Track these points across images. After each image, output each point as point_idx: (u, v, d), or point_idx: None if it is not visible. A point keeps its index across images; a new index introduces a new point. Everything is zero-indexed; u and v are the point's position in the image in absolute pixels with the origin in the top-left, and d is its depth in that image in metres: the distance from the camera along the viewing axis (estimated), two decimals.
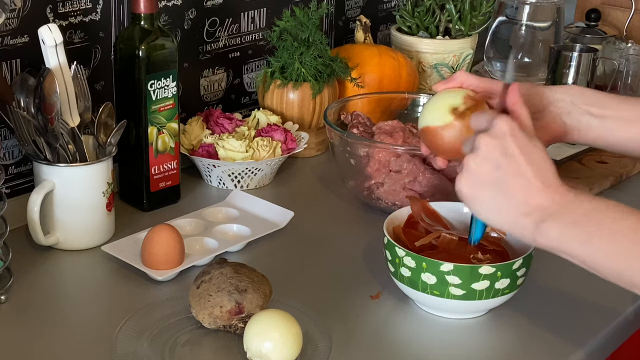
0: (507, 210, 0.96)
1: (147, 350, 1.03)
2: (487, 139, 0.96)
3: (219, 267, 1.09)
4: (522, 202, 0.94)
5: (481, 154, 0.96)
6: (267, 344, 0.99)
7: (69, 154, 1.24)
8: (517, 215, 0.95)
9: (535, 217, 0.94)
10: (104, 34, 1.39)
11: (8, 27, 1.26)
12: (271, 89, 1.59)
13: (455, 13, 1.80)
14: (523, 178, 0.94)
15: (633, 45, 1.91)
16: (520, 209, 0.95)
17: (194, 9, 1.53)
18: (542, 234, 0.94)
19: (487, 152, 0.96)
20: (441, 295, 1.09)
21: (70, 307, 1.15)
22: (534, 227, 0.94)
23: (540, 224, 0.94)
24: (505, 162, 0.95)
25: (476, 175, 0.96)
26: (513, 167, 0.95)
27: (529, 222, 0.94)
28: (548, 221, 0.93)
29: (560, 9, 1.94)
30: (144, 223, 1.32)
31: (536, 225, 0.94)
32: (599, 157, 1.60)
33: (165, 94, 1.34)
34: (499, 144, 0.95)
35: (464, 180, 0.97)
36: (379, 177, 1.37)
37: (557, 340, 1.10)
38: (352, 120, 1.45)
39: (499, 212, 0.96)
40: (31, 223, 1.22)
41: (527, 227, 0.95)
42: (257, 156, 1.46)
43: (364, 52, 1.68)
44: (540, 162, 0.95)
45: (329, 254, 1.30)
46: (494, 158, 0.95)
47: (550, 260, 1.27)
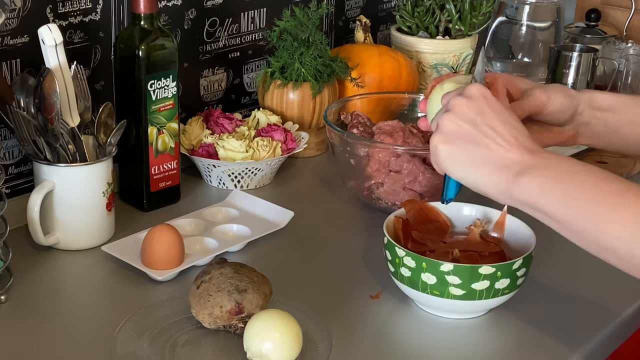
0: (483, 166, 0.95)
1: (147, 350, 1.03)
2: (461, 99, 0.97)
3: (219, 267, 1.09)
4: (499, 156, 0.94)
5: (455, 112, 0.97)
6: (267, 344, 0.99)
7: (69, 154, 1.24)
8: (494, 170, 0.95)
9: (513, 170, 0.93)
10: (104, 34, 1.39)
11: (8, 27, 1.26)
12: (271, 89, 1.59)
13: (455, 13, 1.80)
14: (498, 135, 0.95)
15: (633, 45, 1.91)
16: (497, 163, 0.94)
17: (194, 9, 1.53)
18: (519, 188, 0.93)
19: (461, 111, 0.97)
20: (441, 295, 1.09)
21: (70, 307, 1.15)
22: (511, 181, 0.93)
23: (518, 178, 0.93)
24: (480, 119, 0.96)
25: (451, 132, 0.97)
26: (488, 124, 0.95)
27: (505, 176, 0.94)
28: (527, 175, 0.92)
29: (560, 9, 1.94)
30: (144, 223, 1.32)
31: (513, 179, 0.93)
32: (599, 157, 1.60)
33: (165, 94, 1.34)
34: (472, 103, 0.96)
35: (438, 136, 0.98)
36: (379, 177, 1.37)
37: (557, 340, 1.10)
38: (352, 120, 1.45)
39: (474, 168, 0.96)
40: (31, 223, 1.22)
41: (503, 182, 0.94)
42: (257, 156, 1.46)
43: (364, 52, 1.68)
44: (514, 123, 0.96)
45: (329, 254, 1.30)
46: (468, 115, 0.96)
47: (550, 260, 1.27)
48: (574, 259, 1.30)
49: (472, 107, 0.96)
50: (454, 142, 0.97)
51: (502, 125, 0.95)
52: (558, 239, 1.32)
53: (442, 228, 1.21)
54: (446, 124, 0.97)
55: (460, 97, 0.98)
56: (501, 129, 0.95)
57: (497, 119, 0.95)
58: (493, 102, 0.97)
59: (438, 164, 0.99)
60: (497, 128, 0.95)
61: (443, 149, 0.97)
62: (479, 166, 0.96)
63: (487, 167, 0.95)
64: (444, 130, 0.97)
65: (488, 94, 0.97)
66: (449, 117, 0.97)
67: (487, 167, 0.95)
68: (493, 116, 0.96)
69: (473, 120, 0.96)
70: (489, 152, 0.95)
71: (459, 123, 0.97)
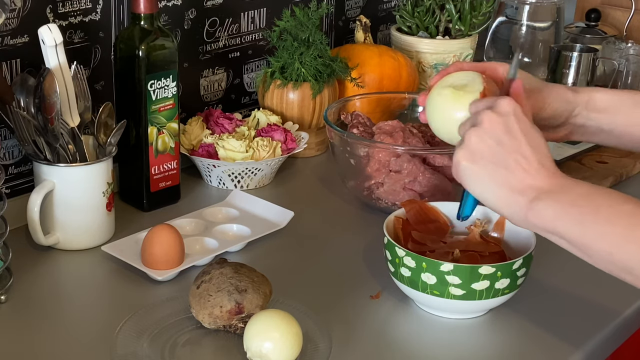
0: (502, 187, 0.95)
1: (147, 350, 1.03)
2: (491, 114, 0.96)
3: (219, 267, 1.09)
4: (518, 179, 0.94)
5: (483, 128, 0.95)
6: (267, 344, 0.99)
7: (69, 154, 1.24)
8: (512, 192, 0.95)
9: (529, 195, 0.94)
10: (104, 34, 1.39)
11: (8, 27, 1.26)
12: (271, 89, 1.59)
13: (455, 13, 1.80)
14: (522, 157, 0.94)
15: (633, 45, 1.91)
16: (516, 186, 0.94)
17: (194, 9, 1.53)
18: (535, 213, 0.93)
19: (490, 128, 0.95)
20: (441, 295, 1.09)
21: (70, 307, 1.15)
22: (527, 205, 0.93)
23: (534, 203, 0.93)
24: (507, 139, 0.95)
25: (476, 149, 0.96)
26: (514, 145, 0.94)
27: (522, 200, 0.94)
28: (544, 200, 0.93)
29: (560, 9, 1.94)
30: (144, 223, 1.32)
31: (530, 204, 0.93)
32: (599, 157, 1.60)
33: (165, 94, 1.34)
34: (502, 121, 0.95)
35: (463, 152, 0.97)
36: (379, 177, 1.37)
37: (557, 340, 1.10)
38: (352, 120, 1.45)
39: (493, 188, 0.96)
40: (31, 223, 1.22)
41: (519, 205, 0.94)
42: (257, 156, 1.46)
43: (364, 52, 1.68)
44: (540, 146, 0.95)
45: (329, 254, 1.30)
46: (496, 134, 0.95)
47: (550, 260, 1.27)
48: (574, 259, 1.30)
49: (501, 124, 0.95)
50: (478, 160, 0.96)
51: (530, 148, 0.94)
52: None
53: (442, 228, 1.21)
54: (473, 140, 0.96)
55: (491, 112, 0.96)
56: (528, 153, 0.94)
57: (524, 141, 0.95)
58: (523, 122, 0.95)
59: (458, 179, 0.99)
60: (523, 151, 0.94)
61: (466, 166, 0.97)
62: (498, 187, 0.95)
63: (506, 189, 0.95)
64: (470, 146, 0.96)
65: (519, 111, 0.96)
66: (477, 133, 0.96)
67: (506, 189, 0.95)
68: (521, 137, 0.95)
69: (501, 140, 0.95)
70: (510, 174, 0.94)
71: (486, 141, 0.95)
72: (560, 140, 1.15)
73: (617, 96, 1.13)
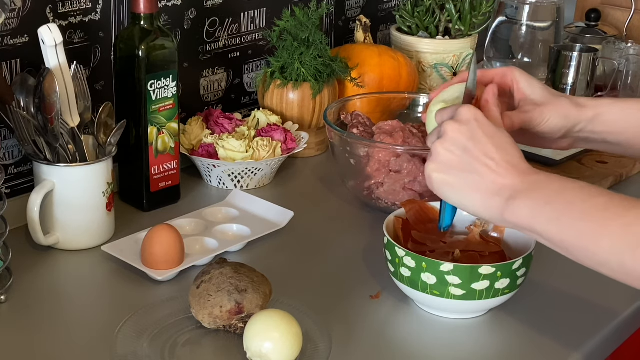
0: (476, 191, 0.97)
1: (147, 350, 1.03)
2: (453, 124, 0.98)
3: (219, 267, 1.09)
4: (489, 181, 0.96)
5: (448, 138, 0.98)
6: (267, 344, 0.99)
7: (69, 154, 1.24)
8: (486, 195, 0.96)
9: (504, 195, 0.95)
10: (104, 34, 1.39)
11: (8, 27, 1.26)
12: (271, 89, 1.59)
13: (455, 13, 1.80)
14: (490, 160, 0.96)
15: (633, 45, 1.91)
16: (489, 188, 0.96)
17: (194, 9, 1.53)
18: (511, 212, 0.94)
19: (453, 137, 0.97)
20: (441, 295, 1.09)
21: (70, 307, 1.15)
22: (503, 205, 0.95)
23: (509, 202, 0.94)
24: (472, 145, 0.96)
25: (444, 160, 0.98)
26: (479, 149, 0.96)
27: (497, 201, 0.95)
28: (518, 199, 0.94)
29: (560, 9, 1.93)
30: (144, 223, 1.32)
31: (505, 204, 0.94)
32: (599, 157, 1.60)
33: (165, 94, 1.34)
34: (465, 128, 0.97)
35: (432, 165, 0.99)
36: (379, 177, 1.37)
37: (557, 340, 1.10)
38: (352, 120, 1.45)
39: (467, 194, 0.97)
40: (31, 223, 1.22)
41: (496, 207, 0.95)
42: (257, 156, 1.46)
43: (364, 52, 1.68)
44: (506, 146, 0.97)
45: (329, 254, 1.30)
46: (460, 141, 0.97)
47: (550, 260, 1.27)
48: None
49: (463, 132, 0.97)
50: (447, 170, 0.98)
51: (495, 149, 0.96)
52: None
53: None
54: (439, 151, 0.98)
55: (452, 122, 0.98)
56: (494, 154, 0.96)
57: (489, 143, 0.96)
58: (485, 125, 0.97)
59: (433, 191, 1.01)
60: (489, 153, 0.96)
61: (437, 177, 0.99)
62: (472, 192, 0.97)
63: (480, 193, 0.97)
64: (437, 158, 0.99)
65: (480, 116, 0.98)
66: (441, 144, 0.98)
67: (480, 193, 0.97)
68: (485, 141, 0.96)
69: (465, 147, 0.97)
70: (481, 178, 0.96)
71: (451, 150, 0.98)
72: (563, 149, 1.15)
73: (625, 111, 1.11)
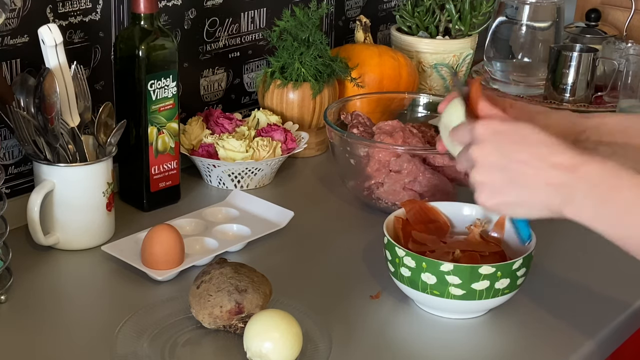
0: (534, 200, 0.95)
1: (147, 350, 1.03)
2: (476, 149, 0.97)
3: (219, 267, 1.09)
4: (538, 187, 0.94)
5: (480, 165, 0.97)
6: (267, 344, 0.99)
7: (69, 154, 1.24)
8: (542, 199, 0.95)
9: (560, 195, 0.94)
10: (104, 34, 1.39)
11: (8, 27, 1.26)
12: (271, 89, 1.59)
13: (455, 13, 1.80)
14: (527, 164, 0.94)
15: (633, 45, 1.91)
16: (541, 194, 0.95)
17: (194, 9, 1.53)
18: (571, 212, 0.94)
19: (483, 161, 0.96)
20: (441, 295, 1.09)
21: (70, 307, 1.15)
22: (563, 205, 0.94)
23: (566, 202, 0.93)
24: (505, 160, 0.95)
25: (489, 186, 0.97)
26: (514, 160, 0.95)
27: (557, 202, 0.94)
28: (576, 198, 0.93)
29: (560, 9, 1.94)
30: (144, 223, 1.32)
31: (564, 203, 0.94)
32: None
33: (165, 94, 1.34)
34: (489, 148, 0.96)
35: (483, 195, 0.98)
36: (379, 177, 1.37)
37: (557, 340, 1.11)
38: (352, 120, 1.45)
39: (528, 205, 0.96)
40: (31, 223, 1.22)
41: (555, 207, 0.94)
42: (257, 156, 1.46)
43: (364, 52, 1.68)
44: (535, 141, 0.95)
45: (329, 254, 1.30)
46: (493, 163, 0.96)
47: (550, 260, 1.27)
48: (574, 259, 1.30)
49: (492, 152, 0.96)
50: (497, 194, 0.97)
51: (527, 153, 0.95)
52: (558, 239, 1.32)
53: (442, 228, 1.21)
54: (479, 180, 0.97)
55: (475, 146, 0.97)
56: (526, 157, 0.94)
57: (519, 150, 0.95)
58: (506, 133, 0.96)
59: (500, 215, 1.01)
60: (522, 158, 0.95)
61: (493, 203, 0.98)
62: (530, 202, 0.96)
63: (536, 200, 0.95)
64: (482, 188, 0.97)
65: (497, 125, 0.96)
66: (478, 174, 0.97)
67: (536, 200, 0.95)
68: (514, 148, 0.95)
69: (500, 166, 0.95)
70: (530, 187, 0.95)
71: (489, 174, 0.96)
72: None
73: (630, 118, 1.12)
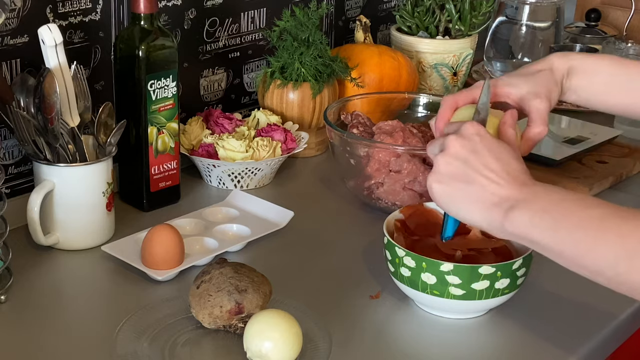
0: (476, 203, 0.98)
1: (147, 350, 1.03)
2: (456, 138, 1.00)
3: (219, 267, 1.09)
4: (490, 192, 0.97)
5: (449, 151, 1.00)
6: (267, 344, 0.99)
7: (69, 154, 1.24)
8: (486, 206, 0.97)
9: (504, 206, 0.96)
10: (104, 34, 1.39)
11: (8, 27, 1.26)
12: (271, 89, 1.59)
13: (455, 13, 1.80)
14: (490, 171, 0.97)
15: (633, 45, 1.91)
16: (489, 200, 0.97)
17: (194, 9, 1.53)
18: (510, 222, 0.95)
19: (455, 150, 0.99)
20: (441, 295, 1.09)
21: (70, 307, 1.15)
22: (503, 216, 0.96)
23: (509, 212, 0.95)
24: (473, 158, 0.98)
25: (445, 171, 1.00)
26: (480, 162, 0.98)
27: (498, 211, 0.96)
28: (517, 209, 0.95)
29: (560, 9, 1.94)
30: (144, 223, 1.32)
31: (505, 214, 0.96)
32: (599, 157, 1.59)
33: (165, 94, 1.34)
34: (466, 142, 0.99)
35: (434, 177, 1.01)
36: (379, 177, 1.37)
37: (557, 340, 1.10)
38: (352, 120, 1.45)
39: (467, 206, 0.99)
40: (31, 223, 1.22)
41: (495, 217, 0.97)
42: (257, 156, 1.46)
43: (363, 52, 1.68)
44: (507, 158, 0.99)
45: (329, 254, 1.30)
46: (461, 154, 0.99)
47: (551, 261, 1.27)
48: None
49: (465, 146, 0.99)
50: (448, 181, 1.00)
51: (496, 161, 0.98)
52: None
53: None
54: (440, 163, 1.00)
55: (455, 136, 1.00)
56: (494, 166, 0.98)
57: (490, 156, 0.98)
58: (487, 140, 0.99)
59: (434, 202, 1.03)
60: (490, 165, 0.98)
61: (437, 188, 1.01)
62: (472, 203, 0.99)
63: (480, 204, 0.98)
64: (438, 169, 1.00)
65: (482, 131, 1.00)
66: (443, 157, 1.00)
67: (480, 204, 0.98)
68: (486, 153, 0.98)
69: (466, 159, 0.98)
70: (481, 189, 0.98)
71: (451, 162, 0.99)
72: None
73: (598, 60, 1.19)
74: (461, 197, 0.99)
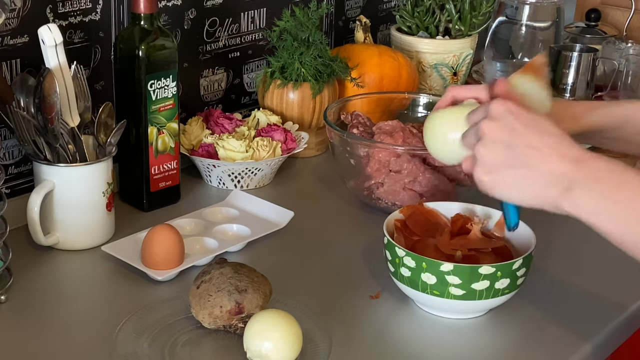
0: (530, 185, 0.94)
1: (147, 350, 1.03)
2: (488, 122, 0.96)
3: (219, 267, 1.09)
4: (542, 173, 0.94)
5: (487, 138, 0.95)
6: (267, 344, 0.99)
7: (69, 154, 1.24)
8: (541, 187, 0.94)
9: (560, 185, 0.93)
10: (104, 34, 1.39)
11: (8, 27, 1.26)
12: (271, 89, 1.59)
13: (455, 13, 1.80)
14: (536, 149, 0.94)
15: (633, 45, 1.91)
16: (544, 180, 0.94)
17: (194, 9, 1.53)
18: (570, 203, 0.93)
19: (493, 135, 0.95)
20: (441, 295, 1.09)
21: (70, 307, 1.15)
22: (561, 196, 0.93)
23: (567, 193, 0.92)
24: (514, 139, 0.94)
25: (489, 161, 0.95)
26: (523, 141, 0.94)
27: (554, 192, 0.93)
28: (576, 190, 0.92)
29: (560, 9, 1.93)
30: (144, 223, 1.32)
31: (562, 194, 0.93)
32: None
33: (165, 94, 1.34)
34: (501, 124, 0.95)
35: (480, 169, 0.97)
36: (379, 177, 1.37)
37: (557, 340, 1.10)
38: (352, 120, 1.45)
39: (522, 190, 0.95)
40: (31, 223, 1.22)
41: (553, 197, 0.93)
42: (257, 156, 1.46)
43: (363, 52, 1.68)
44: (549, 132, 0.95)
45: (329, 254, 1.30)
46: (501, 139, 0.95)
47: (551, 260, 1.27)
48: (574, 260, 1.30)
49: (502, 128, 0.95)
50: (496, 170, 0.96)
51: (538, 138, 0.94)
52: (558, 240, 1.32)
53: (443, 229, 1.21)
54: (483, 153, 0.96)
55: (487, 120, 0.96)
56: (537, 142, 0.94)
57: (530, 133, 0.94)
58: (520, 116, 0.95)
59: (490, 194, 0.98)
60: (533, 143, 0.94)
61: (488, 179, 0.96)
62: (527, 186, 0.95)
63: (535, 185, 0.94)
64: (484, 160, 0.96)
65: (512, 107, 0.95)
66: (483, 146, 0.96)
67: (535, 185, 0.94)
68: (525, 131, 0.94)
69: (507, 143, 0.94)
70: (531, 171, 0.94)
71: (495, 149, 0.95)
72: None
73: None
74: (514, 183, 0.95)
